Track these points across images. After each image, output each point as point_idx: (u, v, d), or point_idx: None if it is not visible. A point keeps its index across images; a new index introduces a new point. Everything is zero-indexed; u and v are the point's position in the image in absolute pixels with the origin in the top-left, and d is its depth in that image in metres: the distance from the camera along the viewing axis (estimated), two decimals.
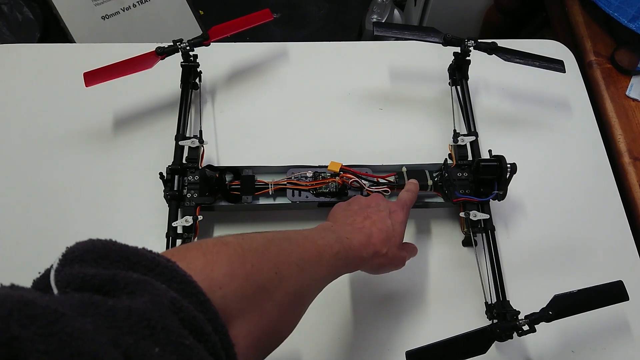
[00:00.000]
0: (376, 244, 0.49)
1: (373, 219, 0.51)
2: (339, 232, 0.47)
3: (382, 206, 0.54)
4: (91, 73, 0.67)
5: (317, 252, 0.42)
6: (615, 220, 0.72)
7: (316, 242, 0.43)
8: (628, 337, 0.64)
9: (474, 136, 0.70)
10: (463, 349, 0.53)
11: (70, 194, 0.69)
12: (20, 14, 1.45)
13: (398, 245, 0.52)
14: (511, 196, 0.69)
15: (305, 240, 0.43)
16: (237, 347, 0.32)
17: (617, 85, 0.87)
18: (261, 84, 0.80)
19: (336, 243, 0.45)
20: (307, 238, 0.43)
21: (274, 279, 0.37)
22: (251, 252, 0.37)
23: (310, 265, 0.41)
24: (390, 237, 0.51)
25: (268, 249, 0.39)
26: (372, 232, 0.50)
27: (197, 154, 0.66)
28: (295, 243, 0.42)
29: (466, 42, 0.70)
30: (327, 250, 0.43)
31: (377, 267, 0.51)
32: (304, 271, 0.40)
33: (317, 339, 0.62)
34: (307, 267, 0.41)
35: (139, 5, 1.40)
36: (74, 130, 0.74)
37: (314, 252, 0.42)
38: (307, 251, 0.42)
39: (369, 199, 0.55)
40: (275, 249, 0.39)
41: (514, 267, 0.67)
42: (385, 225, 0.51)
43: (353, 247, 0.47)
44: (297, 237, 0.43)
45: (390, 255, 0.51)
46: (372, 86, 0.81)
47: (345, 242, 0.46)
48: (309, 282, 0.41)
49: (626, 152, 0.79)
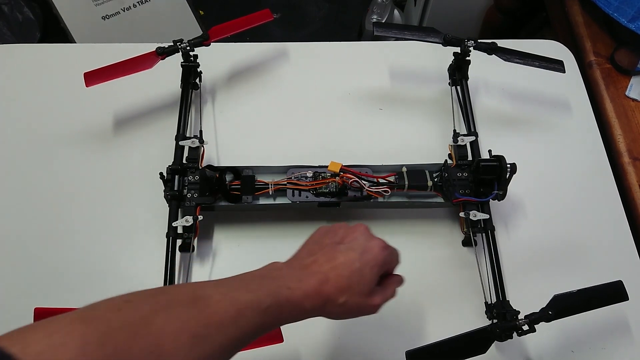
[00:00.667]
0: (330, 294, 0.42)
1: (337, 263, 0.44)
2: (280, 281, 0.42)
3: (357, 244, 0.46)
4: (91, 73, 0.67)
5: (235, 311, 0.37)
6: (615, 220, 0.72)
7: (239, 298, 0.38)
8: (628, 337, 0.64)
9: (474, 136, 0.70)
10: (463, 349, 0.53)
11: (70, 194, 0.70)
12: (20, 14, 1.45)
13: (364, 293, 0.44)
14: (511, 196, 0.69)
15: (223, 298, 0.38)
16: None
17: (617, 85, 0.87)
18: (261, 84, 0.80)
19: (269, 297, 0.39)
20: (226, 295, 0.38)
21: (149, 358, 0.32)
22: (122, 329, 0.32)
23: (217, 331, 0.36)
24: (353, 285, 0.43)
25: (150, 321, 0.34)
26: (329, 279, 0.43)
27: (197, 154, 0.66)
28: (203, 305, 0.37)
29: (466, 42, 0.70)
30: (251, 307, 0.38)
31: (332, 315, 0.44)
32: (205, 340, 0.35)
33: (317, 339, 0.62)
34: (212, 334, 0.36)
35: (139, 5, 1.40)
36: (74, 130, 0.74)
37: (230, 312, 0.37)
38: (217, 313, 0.37)
39: (349, 231, 0.48)
40: (161, 320, 0.34)
41: (514, 267, 0.67)
42: (350, 270, 0.43)
43: (293, 300, 0.41)
44: (211, 295, 0.38)
45: (350, 304, 0.43)
46: (372, 86, 0.81)
47: (284, 294, 0.40)
48: (210, 351, 0.36)
49: (626, 152, 0.79)
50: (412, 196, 0.68)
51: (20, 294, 0.63)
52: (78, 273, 0.65)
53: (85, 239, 0.67)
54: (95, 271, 0.65)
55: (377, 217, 0.70)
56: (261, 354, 0.56)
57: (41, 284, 0.64)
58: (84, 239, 0.67)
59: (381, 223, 0.69)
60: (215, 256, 0.67)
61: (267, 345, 0.53)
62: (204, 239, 0.67)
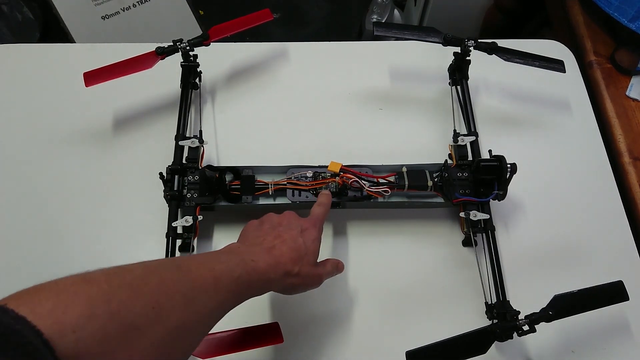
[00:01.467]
0: (287, 264, 0.48)
1: (284, 238, 0.50)
2: (244, 255, 0.46)
3: (294, 224, 0.52)
4: (91, 73, 0.67)
5: (213, 278, 0.41)
6: (615, 220, 0.72)
7: (214, 267, 0.42)
8: (628, 337, 0.64)
9: (474, 136, 0.70)
10: (463, 349, 0.53)
11: (70, 194, 0.69)
12: (20, 14, 1.45)
13: (312, 263, 0.51)
14: (511, 196, 0.69)
15: (200, 266, 0.41)
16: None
17: (617, 85, 0.87)
18: (261, 83, 0.80)
19: (238, 267, 0.43)
20: (202, 263, 0.42)
21: (150, 315, 0.35)
22: (122, 287, 0.35)
23: (202, 293, 0.39)
24: (303, 256, 0.49)
25: (146, 281, 0.37)
26: (282, 252, 0.48)
27: (197, 154, 0.66)
28: (186, 270, 0.40)
29: (466, 42, 0.70)
30: (225, 275, 0.42)
31: (290, 287, 0.50)
32: (193, 301, 0.38)
33: (317, 339, 0.62)
34: (198, 296, 0.39)
35: (139, 5, 1.40)
36: (74, 130, 0.74)
37: (209, 279, 0.40)
38: (199, 278, 0.40)
39: (281, 217, 0.54)
40: (155, 280, 0.37)
41: (514, 267, 0.67)
42: (297, 244, 0.50)
43: (259, 270, 0.45)
44: (189, 264, 0.41)
45: (303, 273, 0.49)
46: (372, 86, 0.81)
47: (250, 265, 0.45)
48: (200, 312, 0.39)
49: (626, 152, 0.79)
50: (412, 196, 0.68)
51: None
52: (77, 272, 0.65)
53: (85, 239, 0.67)
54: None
55: (377, 217, 0.70)
56: (261, 354, 0.56)
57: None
58: (84, 239, 0.67)
59: (381, 223, 0.69)
60: None
61: (267, 345, 0.53)
62: (204, 239, 0.67)
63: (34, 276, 0.56)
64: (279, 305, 0.64)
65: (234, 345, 0.53)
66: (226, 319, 0.62)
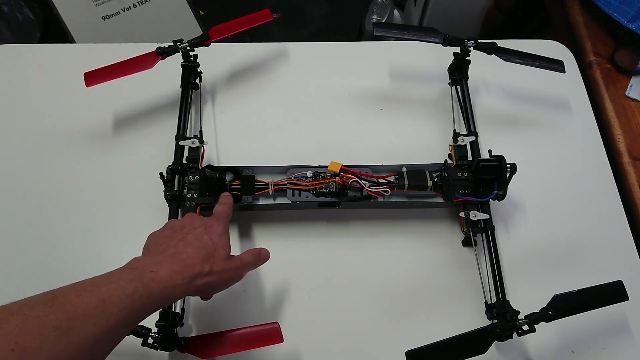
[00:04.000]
0: (195, 265, 0.46)
1: (187, 240, 0.48)
2: (141, 268, 0.44)
3: (197, 223, 0.51)
4: (91, 73, 0.67)
5: (98, 301, 0.39)
6: (615, 220, 0.72)
7: (100, 289, 0.40)
8: (628, 337, 0.64)
9: (474, 136, 0.70)
10: (463, 349, 0.53)
11: (70, 194, 0.70)
12: (20, 14, 1.44)
13: (224, 257, 0.49)
14: (511, 196, 0.69)
15: (82, 292, 0.39)
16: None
17: (617, 85, 0.87)
18: (261, 84, 0.80)
19: (132, 282, 0.42)
20: (85, 289, 0.40)
21: (10, 357, 0.33)
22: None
23: (82, 322, 0.37)
24: (212, 253, 0.48)
25: (5, 322, 0.35)
26: (188, 254, 0.47)
27: (197, 154, 0.66)
28: (61, 301, 0.38)
29: (466, 42, 0.70)
30: (115, 294, 0.40)
31: (206, 287, 0.48)
32: (69, 332, 0.36)
33: (318, 339, 0.62)
34: (77, 325, 0.37)
35: (139, 5, 1.40)
36: (74, 130, 0.74)
37: (93, 303, 0.39)
38: (80, 305, 0.38)
39: (182, 220, 0.53)
40: (16, 320, 0.35)
41: (514, 267, 0.67)
42: (203, 242, 0.48)
43: (159, 279, 0.43)
44: (69, 293, 0.39)
45: (217, 270, 0.48)
46: (372, 86, 0.81)
47: (148, 276, 0.43)
48: (78, 343, 0.37)
49: (626, 152, 0.79)
50: (412, 196, 0.68)
51: (20, 294, 0.63)
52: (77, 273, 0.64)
53: (85, 239, 0.67)
54: (94, 271, 0.64)
55: (377, 217, 0.70)
56: (261, 354, 0.56)
57: (40, 284, 0.63)
58: (84, 239, 0.67)
59: (381, 223, 0.69)
60: None
61: (267, 345, 0.53)
62: None
63: (33, 276, 0.56)
64: (279, 305, 0.64)
65: (234, 345, 0.53)
66: (226, 319, 0.63)
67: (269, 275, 0.66)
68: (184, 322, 0.60)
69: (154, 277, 0.43)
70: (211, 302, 0.63)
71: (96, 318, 0.38)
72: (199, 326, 0.62)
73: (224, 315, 0.63)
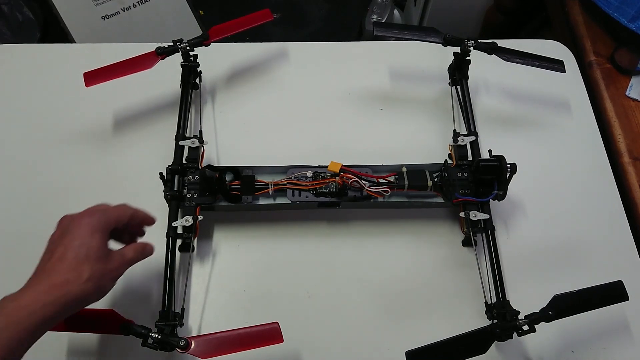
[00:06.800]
0: (67, 277, 0.45)
1: (58, 254, 0.47)
2: (3, 302, 0.44)
3: (66, 229, 0.49)
4: (91, 73, 0.67)
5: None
6: (615, 220, 0.72)
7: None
8: (628, 337, 0.64)
9: (474, 136, 0.70)
10: (463, 349, 0.53)
11: (70, 194, 0.69)
12: (20, 14, 1.44)
13: (100, 259, 0.47)
14: (511, 196, 0.69)
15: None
16: None
17: (617, 85, 0.87)
18: (261, 84, 0.80)
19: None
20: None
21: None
22: None
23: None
24: (83, 258, 0.46)
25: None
26: (56, 268, 0.45)
27: (197, 154, 0.66)
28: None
29: (466, 42, 0.70)
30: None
31: (91, 292, 0.47)
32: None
33: (318, 339, 0.62)
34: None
35: (139, 5, 1.40)
36: (74, 130, 0.74)
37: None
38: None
39: (57, 228, 0.50)
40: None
41: (514, 267, 0.67)
42: (73, 251, 0.46)
43: (24, 303, 0.43)
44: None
45: (96, 275, 0.47)
46: (372, 86, 0.81)
47: (10, 306, 0.43)
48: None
49: (626, 152, 0.79)
50: (412, 196, 0.68)
51: None
52: None
53: None
54: None
55: (377, 217, 0.70)
56: (261, 354, 0.56)
57: None
58: None
59: (381, 223, 0.69)
60: (215, 256, 0.67)
61: (267, 345, 0.53)
62: (204, 239, 0.67)
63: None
64: (279, 305, 0.64)
65: (234, 345, 0.53)
66: (226, 319, 0.63)
67: (269, 275, 0.66)
68: (184, 322, 0.60)
69: (17, 306, 0.43)
70: (211, 302, 0.64)
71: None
72: (199, 326, 0.62)
73: (224, 315, 0.63)
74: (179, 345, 0.53)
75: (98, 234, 0.48)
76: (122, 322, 0.54)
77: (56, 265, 0.46)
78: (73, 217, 0.50)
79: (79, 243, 0.47)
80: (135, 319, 0.56)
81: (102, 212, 0.51)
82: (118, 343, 0.59)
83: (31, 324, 0.43)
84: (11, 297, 0.44)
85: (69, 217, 0.51)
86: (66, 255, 0.46)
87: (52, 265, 0.46)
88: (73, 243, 0.47)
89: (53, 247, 0.48)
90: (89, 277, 0.46)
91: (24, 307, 0.43)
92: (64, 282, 0.45)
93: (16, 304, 0.43)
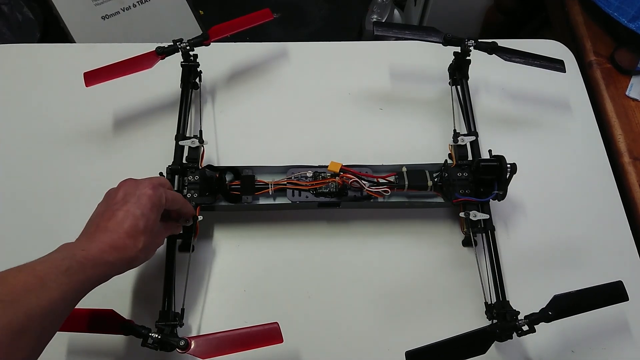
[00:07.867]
0: (125, 243, 0.48)
1: (118, 218, 0.49)
2: (73, 248, 0.46)
3: (129, 196, 0.51)
4: (91, 73, 0.67)
5: (36, 278, 0.41)
6: (615, 220, 0.72)
7: (35, 269, 0.42)
8: (628, 337, 0.64)
9: (474, 136, 0.70)
10: (463, 349, 0.53)
11: (70, 194, 0.69)
12: (20, 14, 1.44)
13: (153, 232, 0.51)
14: (511, 196, 0.69)
15: (18, 273, 0.41)
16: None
17: (617, 85, 0.87)
18: (261, 83, 0.80)
19: (65, 260, 0.44)
20: (20, 270, 0.42)
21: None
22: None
23: (26, 296, 0.39)
24: (141, 229, 0.50)
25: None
26: (118, 232, 0.48)
27: (197, 154, 0.66)
28: (0, 281, 0.41)
29: (466, 41, 0.70)
30: (51, 272, 0.42)
31: (142, 258, 0.51)
32: (16, 303, 0.39)
33: (318, 339, 0.62)
34: (21, 299, 0.39)
35: (139, 5, 1.40)
36: (74, 130, 0.74)
37: (32, 281, 0.41)
38: (18, 284, 0.40)
39: (118, 190, 0.53)
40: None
41: (514, 267, 0.67)
42: (133, 219, 0.49)
43: (91, 257, 0.46)
44: (4, 276, 0.41)
45: (147, 245, 0.50)
46: (372, 86, 0.81)
47: (80, 254, 0.45)
48: (30, 311, 0.39)
49: (626, 152, 0.79)
50: (412, 196, 0.68)
51: None
52: None
53: None
54: None
55: (377, 217, 0.70)
56: (261, 354, 0.56)
57: None
58: None
59: (381, 223, 0.69)
60: (215, 256, 0.67)
61: (267, 345, 0.53)
62: (204, 239, 0.67)
63: None
64: (279, 305, 0.64)
65: (234, 345, 0.53)
66: (226, 319, 0.63)
67: (269, 275, 0.66)
68: (184, 322, 0.60)
69: (86, 256, 0.45)
70: (211, 302, 0.64)
71: (38, 292, 0.40)
72: (199, 326, 0.62)
73: (224, 315, 0.63)
74: (179, 345, 0.53)
75: (156, 209, 0.52)
76: (122, 322, 0.54)
77: (118, 228, 0.49)
78: (137, 183, 0.53)
79: (141, 213, 0.50)
80: (135, 319, 0.56)
81: (164, 190, 0.54)
82: (118, 343, 0.59)
83: (94, 274, 0.46)
84: (78, 244, 0.47)
85: (132, 181, 0.54)
86: (127, 221, 0.49)
87: (113, 226, 0.49)
88: (135, 212, 0.50)
89: (116, 207, 0.50)
90: (143, 247, 0.50)
91: (90, 259, 0.45)
92: (123, 247, 0.48)
93: (85, 253, 0.46)
